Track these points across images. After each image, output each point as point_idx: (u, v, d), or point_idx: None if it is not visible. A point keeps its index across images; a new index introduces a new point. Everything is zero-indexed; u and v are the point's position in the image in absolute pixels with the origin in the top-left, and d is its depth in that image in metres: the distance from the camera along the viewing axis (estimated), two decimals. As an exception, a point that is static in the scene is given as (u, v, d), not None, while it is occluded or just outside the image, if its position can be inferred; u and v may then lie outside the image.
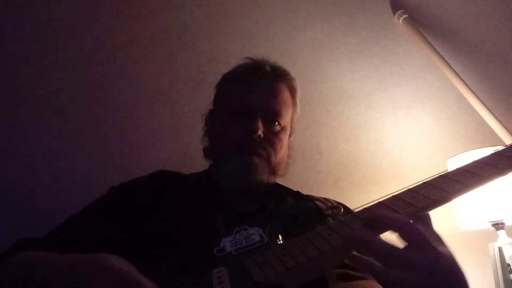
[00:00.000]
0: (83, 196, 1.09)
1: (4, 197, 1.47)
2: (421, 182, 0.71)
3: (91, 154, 1.58)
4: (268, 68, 1.12)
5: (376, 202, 0.71)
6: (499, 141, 1.71)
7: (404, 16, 1.94)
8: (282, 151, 1.12)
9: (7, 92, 1.55)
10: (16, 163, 1.51)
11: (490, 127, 1.77)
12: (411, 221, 0.61)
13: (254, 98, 1.09)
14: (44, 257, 0.73)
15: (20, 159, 1.52)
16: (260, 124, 1.05)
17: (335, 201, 1.16)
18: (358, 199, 1.77)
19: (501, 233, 1.50)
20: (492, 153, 0.73)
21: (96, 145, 1.60)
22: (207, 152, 1.20)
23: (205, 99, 1.25)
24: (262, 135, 1.05)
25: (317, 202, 1.07)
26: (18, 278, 0.68)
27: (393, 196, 0.71)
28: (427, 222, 0.64)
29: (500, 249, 1.48)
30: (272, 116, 1.10)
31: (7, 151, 1.51)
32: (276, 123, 1.10)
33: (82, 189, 1.51)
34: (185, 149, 1.65)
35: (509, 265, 1.45)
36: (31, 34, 1.61)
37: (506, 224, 1.51)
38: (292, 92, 1.17)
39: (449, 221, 1.65)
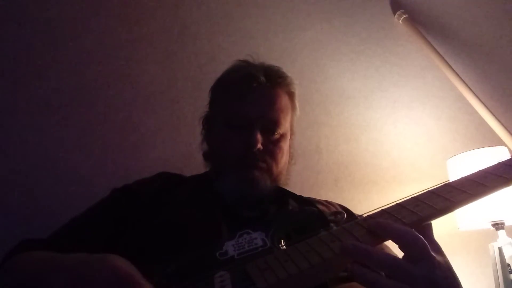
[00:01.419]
0: (83, 196, 1.10)
1: (4, 197, 1.47)
2: (425, 191, 0.71)
3: (91, 154, 1.58)
4: (262, 78, 1.08)
5: (379, 209, 0.71)
6: (499, 141, 1.71)
7: (404, 16, 1.94)
8: (283, 159, 1.10)
9: (7, 92, 1.55)
10: (16, 163, 1.51)
11: (490, 127, 1.77)
12: (415, 232, 0.61)
13: (251, 109, 1.06)
14: (47, 257, 0.73)
15: (20, 159, 1.52)
16: (258, 137, 1.02)
17: (338, 204, 1.15)
18: (358, 199, 1.77)
19: (501, 233, 1.50)
20: (498, 163, 0.72)
21: (96, 145, 1.60)
22: (207, 157, 1.18)
23: (205, 99, 1.23)
24: (262, 147, 1.03)
25: (320, 206, 1.06)
26: (21, 279, 0.68)
27: (397, 204, 0.70)
28: (428, 231, 0.65)
29: (500, 249, 1.48)
30: (270, 126, 1.07)
31: (7, 151, 1.51)
32: (276, 132, 1.08)
33: (82, 189, 1.51)
34: (185, 149, 1.64)
35: (509, 265, 1.45)
36: (31, 34, 1.61)
37: (506, 224, 1.51)
38: (290, 96, 1.14)
39: (449, 221, 1.65)
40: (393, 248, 0.68)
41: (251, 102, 1.07)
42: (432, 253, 0.59)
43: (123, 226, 0.96)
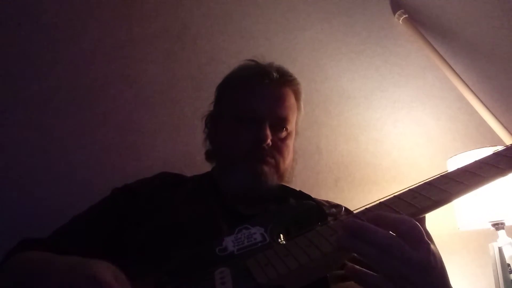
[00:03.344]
0: (83, 196, 1.10)
1: (4, 197, 1.47)
2: (422, 182, 0.71)
3: (91, 154, 1.58)
4: (275, 74, 1.10)
5: (377, 202, 0.71)
6: (499, 141, 1.71)
7: (404, 16, 1.94)
8: (290, 156, 1.12)
9: (7, 92, 1.55)
10: (16, 163, 1.51)
11: (490, 127, 1.77)
12: (412, 219, 0.62)
13: (262, 105, 1.07)
14: (42, 259, 0.73)
15: (20, 159, 1.52)
16: (268, 132, 1.04)
17: (336, 203, 1.16)
18: (358, 199, 1.77)
19: (501, 233, 1.50)
20: (493, 153, 0.73)
21: (96, 145, 1.60)
22: (210, 156, 1.19)
23: (205, 99, 1.24)
24: (271, 143, 1.04)
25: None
26: (17, 280, 0.69)
27: (394, 196, 0.71)
28: (422, 223, 0.65)
29: (500, 249, 1.48)
30: (280, 122, 1.09)
31: (7, 151, 1.51)
32: (284, 129, 1.10)
33: (82, 189, 1.51)
34: (185, 149, 1.64)
35: (509, 265, 1.45)
36: (31, 34, 1.61)
37: (506, 224, 1.51)
38: (297, 96, 1.17)
39: (449, 221, 1.65)
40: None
41: (263, 97, 1.09)
42: (428, 241, 0.61)
43: (123, 226, 0.96)
